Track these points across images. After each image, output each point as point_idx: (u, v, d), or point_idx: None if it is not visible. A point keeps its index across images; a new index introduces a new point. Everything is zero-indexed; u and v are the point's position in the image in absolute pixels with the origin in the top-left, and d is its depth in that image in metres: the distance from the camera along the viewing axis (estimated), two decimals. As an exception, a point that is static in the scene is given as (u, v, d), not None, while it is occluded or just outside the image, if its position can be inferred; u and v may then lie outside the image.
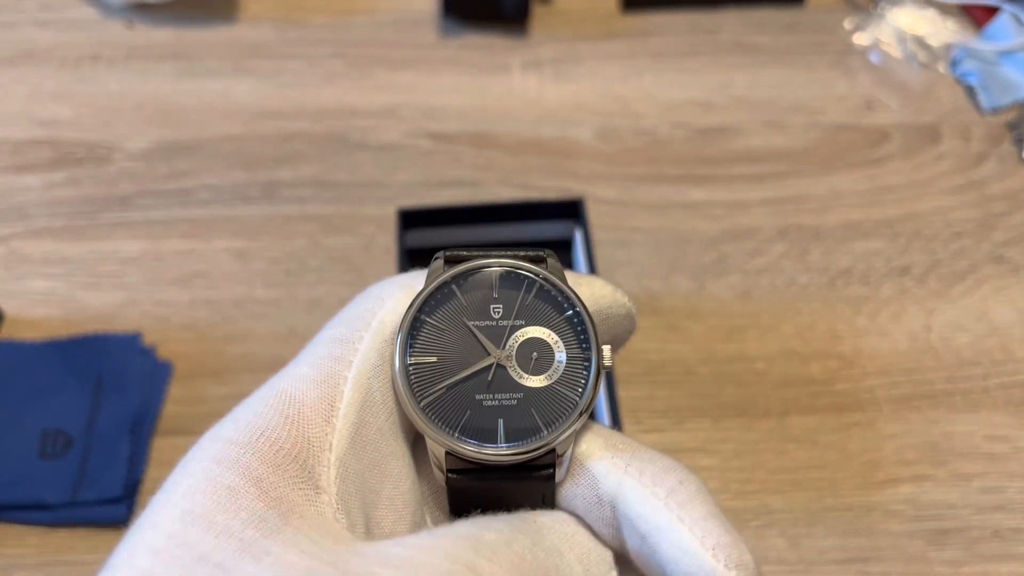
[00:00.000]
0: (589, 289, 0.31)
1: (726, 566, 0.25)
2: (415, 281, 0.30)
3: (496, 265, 0.30)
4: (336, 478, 0.26)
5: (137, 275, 0.64)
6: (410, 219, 0.60)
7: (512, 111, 0.74)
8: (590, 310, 0.30)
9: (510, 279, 0.30)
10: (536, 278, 0.30)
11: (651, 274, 0.64)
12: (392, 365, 0.29)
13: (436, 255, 0.31)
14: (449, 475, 0.28)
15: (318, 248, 0.66)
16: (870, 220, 0.68)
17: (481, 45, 0.79)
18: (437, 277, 0.30)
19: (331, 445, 0.26)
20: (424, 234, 0.60)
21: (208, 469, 0.24)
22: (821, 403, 0.59)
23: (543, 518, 0.27)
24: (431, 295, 0.30)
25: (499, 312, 0.30)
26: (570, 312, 0.30)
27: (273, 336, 0.61)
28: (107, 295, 0.63)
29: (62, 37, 0.78)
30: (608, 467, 0.28)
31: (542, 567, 0.25)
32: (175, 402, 0.58)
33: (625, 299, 0.33)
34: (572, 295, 0.30)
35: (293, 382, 0.27)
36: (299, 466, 0.25)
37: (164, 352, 0.60)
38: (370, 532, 0.27)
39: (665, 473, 0.27)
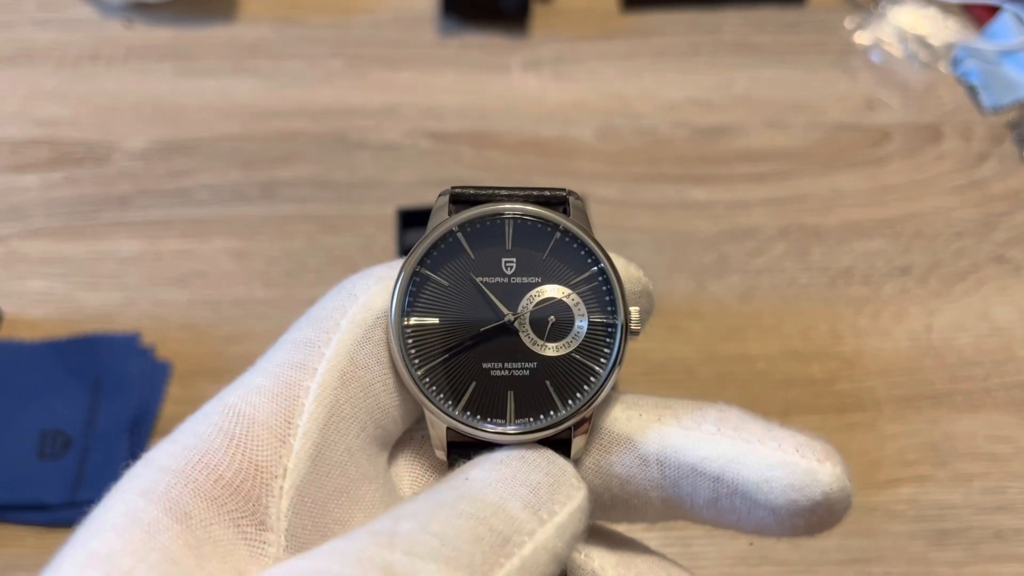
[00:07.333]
0: None
1: (819, 460, 0.23)
2: (395, 272, 0.27)
3: (510, 212, 0.26)
4: (288, 510, 0.23)
5: (136, 275, 0.64)
6: (410, 219, 0.60)
7: (512, 110, 0.74)
8: None
9: (525, 228, 0.26)
10: (556, 229, 0.26)
11: (652, 274, 0.63)
12: (387, 327, 0.25)
13: (442, 191, 0.27)
14: (451, 456, 0.25)
15: (317, 248, 0.65)
16: (871, 220, 0.68)
17: (481, 44, 0.79)
18: (441, 222, 0.26)
19: (285, 470, 0.23)
20: (424, 234, 0.60)
21: (130, 503, 0.21)
22: (822, 403, 0.58)
23: (476, 471, 0.24)
24: (433, 246, 0.26)
25: (512, 268, 0.26)
26: (594, 269, 0.26)
27: (273, 336, 0.60)
28: (106, 295, 0.63)
29: (61, 37, 0.78)
30: (641, 426, 0.25)
31: (472, 536, 0.21)
32: (174, 402, 0.58)
33: (640, 273, 0.29)
34: (596, 248, 0.26)
35: (244, 395, 0.24)
36: (241, 498, 0.22)
37: (163, 352, 0.60)
38: None
39: (700, 410, 0.25)
